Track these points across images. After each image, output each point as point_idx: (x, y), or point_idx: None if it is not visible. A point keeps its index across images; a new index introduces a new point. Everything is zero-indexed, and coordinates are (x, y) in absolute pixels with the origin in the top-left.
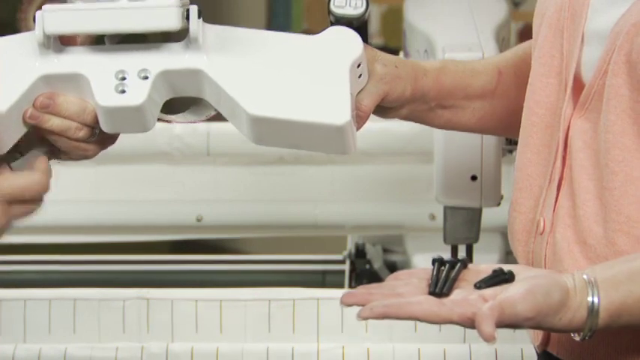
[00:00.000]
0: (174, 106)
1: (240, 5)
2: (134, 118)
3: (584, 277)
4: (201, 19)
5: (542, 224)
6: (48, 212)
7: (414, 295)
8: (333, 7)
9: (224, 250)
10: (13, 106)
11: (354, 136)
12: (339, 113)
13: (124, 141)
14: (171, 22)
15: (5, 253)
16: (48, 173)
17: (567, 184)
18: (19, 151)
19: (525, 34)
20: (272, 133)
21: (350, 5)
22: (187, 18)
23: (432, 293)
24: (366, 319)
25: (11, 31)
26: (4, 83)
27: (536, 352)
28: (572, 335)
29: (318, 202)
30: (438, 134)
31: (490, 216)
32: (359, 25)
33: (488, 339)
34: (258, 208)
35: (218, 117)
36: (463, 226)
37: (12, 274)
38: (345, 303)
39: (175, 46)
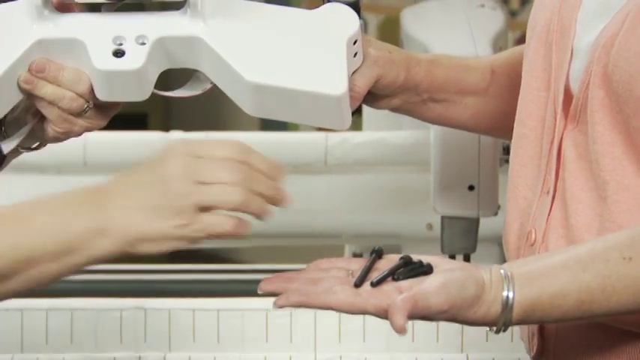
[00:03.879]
0: (170, 83)
1: None
2: (131, 84)
3: (501, 271)
4: None
5: (533, 235)
6: None
7: (332, 284)
8: None
9: (221, 260)
10: (8, 70)
11: (349, 112)
12: (337, 84)
13: (122, 150)
14: None
15: None
16: None
17: (560, 196)
18: (4, 131)
19: (522, 43)
20: (269, 102)
21: None
22: None
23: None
24: (281, 307)
25: None
26: (0, 47)
27: None
28: (490, 330)
29: (316, 211)
30: (436, 144)
31: (487, 226)
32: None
33: (400, 330)
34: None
35: (217, 91)
36: (460, 236)
37: None
38: (263, 290)
39: (174, 14)
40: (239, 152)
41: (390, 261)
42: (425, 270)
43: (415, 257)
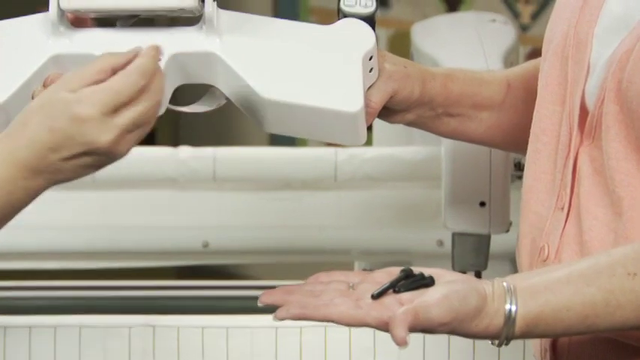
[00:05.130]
0: (184, 99)
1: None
2: None
3: (504, 284)
4: (215, 2)
5: (545, 251)
6: (52, 237)
7: (332, 297)
8: (343, 6)
9: (230, 276)
10: (23, 85)
11: (365, 128)
12: (353, 101)
13: (130, 166)
14: (186, 0)
15: (9, 279)
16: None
17: (574, 211)
18: None
19: (533, 58)
20: (284, 118)
21: (360, 4)
22: (202, 1)
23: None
24: (282, 319)
25: None
26: (16, 62)
27: None
28: (492, 343)
29: (325, 227)
30: (446, 160)
31: (499, 242)
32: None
33: (400, 343)
34: (264, 234)
35: (227, 106)
36: (471, 253)
37: (16, 301)
38: (263, 302)
39: (189, 30)
40: (112, 61)
41: (390, 274)
42: (426, 282)
43: (416, 269)
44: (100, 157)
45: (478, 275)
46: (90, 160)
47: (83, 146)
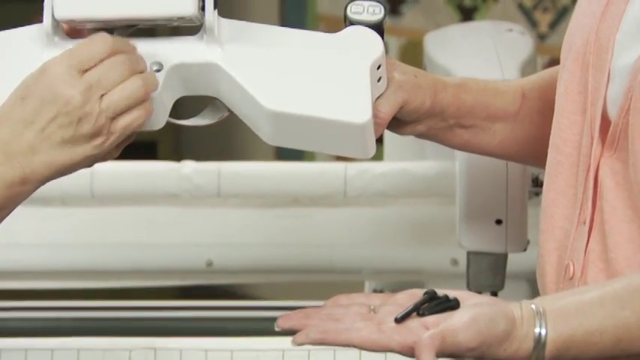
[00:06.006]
0: (185, 111)
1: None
2: None
3: (532, 306)
4: (216, 10)
5: (571, 269)
6: (49, 256)
7: (353, 321)
8: (349, 14)
9: (235, 296)
10: None
11: (373, 140)
12: (360, 111)
13: (131, 181)
14: (186, 8)
15: (4, 299)
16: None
17: (598, 227)
18: None
19: (551, 67)
20: (289, 130)
21: (367, 12)
22: (202, 9)
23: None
24: (301, 344)
25: None
26: (9, 75)
27: None
28: None
29: (334, 245)
30: (461, 175)
31: (516, 262)
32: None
33: None
34: (271, 252)
35: (231, 118)
36: (487, 273)
37: (12, 322)
38: (280, 326)
39: (189, 39)
40: (110, 42)
41: (413, 296)
42: (452, 305)
43: (440, 292)
44: (76, 126)
45: (494, 296)
46: (66, 131)
47: (52, 105)
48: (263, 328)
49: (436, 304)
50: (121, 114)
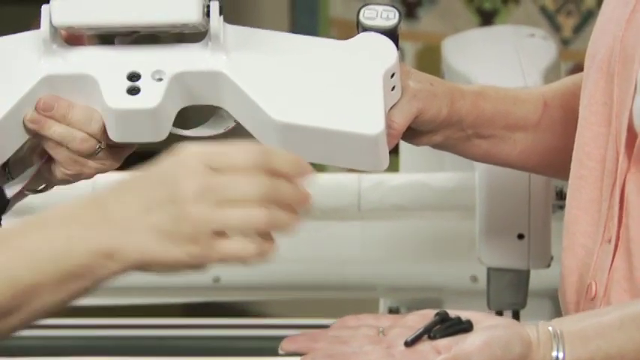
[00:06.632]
0: (189, 121)
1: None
2: (146, 124)
3: (550, 329)
4: (222, 16)
5: (593, 289)
6: None
7: (361, 344)
8: (362, 19)
9: (244, 314)
10: (13, 108)
11: (387, 153)
12: (373, 122)
13: None
14: (190, 14)
15: None
16: None
17: (623, 245)
18: (9, 172)
19: (575, 74)
20: (298, 143)
21: (381, 17)
22: (207, 15)
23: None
24: None
25: None
26: (5, 84)
27: None
28: None
29: (347, 261)
30: (481, 187)
31: (539, 279)
32: (390, 39)
33: None
34: (280, 268)
35: (237, 128)
36: (508, 290)
37: (10, 342)
38: (285, 350)
39: (193, 47)
40: (260, 158)
41: (424, 317)
42: (464, 327)
43: (452, 313)
44: (177, 221)
45: (516, 314)
46: (166, 221)
47: (165, 187)
48: (271, 347)
49: (448, 327)
50: (230, 237)
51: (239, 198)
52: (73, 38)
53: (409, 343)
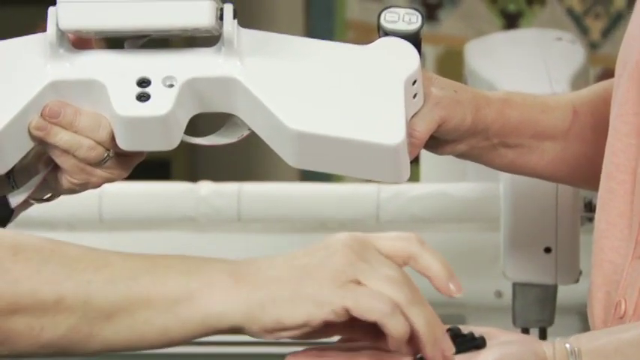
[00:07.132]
0: (201, 129)
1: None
2: (157, 132)
3: (567, 346)
4: (236, 20)
5: (622, 306)
6: None
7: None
8: (383, 22)
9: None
10: (18, 115)
11: (408, 163)
12: (393, 132)
13: (144, 204)
14: (202, 18)
15: None
16: None
17: None
18: (13, 181)
19: (604, 79)
20: (314, 152)
21: (403, 20)
22: (220, 19)
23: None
24: None
25: None
26: (11, 89)
27: None
28: None
29: None
30: (506, 198)
31: (567, 294)
32: (412, 44)
33: None
34: None
35: (251, 135)
36: (535, 306)
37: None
38: None
39: (205, 52)
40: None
41: None
42: (477, 344)
43: (465, 329)
44: (304, 286)
45: (543, 332)
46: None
47: (304, 257)
48: None
49: (460, 343)
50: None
51: (375, 286)
52: (80, 42)
53: None
